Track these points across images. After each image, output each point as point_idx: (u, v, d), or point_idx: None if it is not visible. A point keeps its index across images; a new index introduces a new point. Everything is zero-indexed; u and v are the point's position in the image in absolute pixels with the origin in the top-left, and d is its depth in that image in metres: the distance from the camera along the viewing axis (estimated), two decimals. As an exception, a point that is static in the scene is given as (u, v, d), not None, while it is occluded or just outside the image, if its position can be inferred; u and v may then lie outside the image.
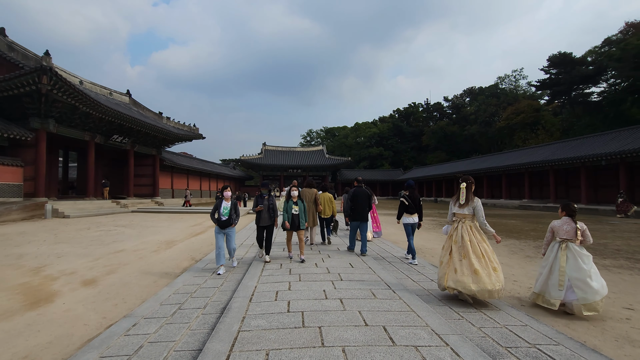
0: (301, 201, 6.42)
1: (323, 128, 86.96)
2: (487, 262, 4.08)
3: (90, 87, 26.07)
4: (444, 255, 4.41)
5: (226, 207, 5.64)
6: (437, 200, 44.69)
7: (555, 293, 4.13)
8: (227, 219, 5.59)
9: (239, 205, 32.38)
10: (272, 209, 6.10)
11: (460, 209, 4.37)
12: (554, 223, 4.50)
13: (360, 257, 6.50)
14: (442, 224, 15.68)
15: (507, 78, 55.64)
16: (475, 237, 4.22)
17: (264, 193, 6.19)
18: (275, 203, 6.26)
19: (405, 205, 6.73)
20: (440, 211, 25.63)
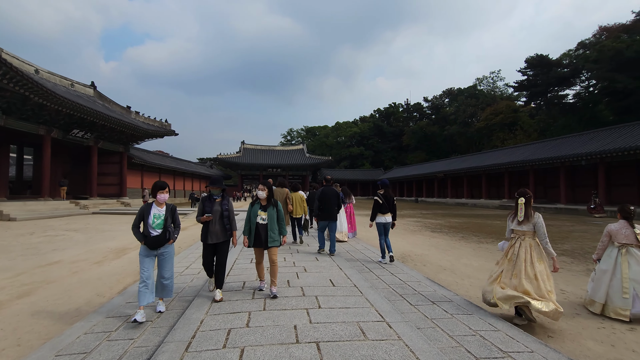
0: (274, 207, 4.34)
1: (304, 127, 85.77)
2: (541, 286, 3.70)
3: (48, 77, 23.79)
4: (494, 270, 4.15)
5: (158, 216, 3.74)
6: (418, 200, 44.45)
7: (622, 302, 3.99)
8: (161, 233, 3.72)
9: None
10: (227, 218, 4.11)
11: (519, 225, 3.98)
12: (610, 227, 4.33)
13: (342, 272, 5.41)
14: (428, 226, 14.90)
15: (485, 79, 56.32)
16: (533, 256, 3.83)
17: (214, 194, 4.18)
18: (233, 209, 4.29)
19: (379, 204, 6.49)
20: (422, 212, 25.03)
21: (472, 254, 8.38)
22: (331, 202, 7.13)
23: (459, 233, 12.41)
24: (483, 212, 25.22)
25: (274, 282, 4.18)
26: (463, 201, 35.73)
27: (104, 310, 3.89)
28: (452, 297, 4.32)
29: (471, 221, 17.23)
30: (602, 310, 4.17)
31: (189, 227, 13.59)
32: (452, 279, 5.93)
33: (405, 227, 14.25)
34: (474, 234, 12.22)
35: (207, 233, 4.08)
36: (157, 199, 3.83)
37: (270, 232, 4.26)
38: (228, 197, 4.33)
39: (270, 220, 4.27)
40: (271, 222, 4.28)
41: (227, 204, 4.19)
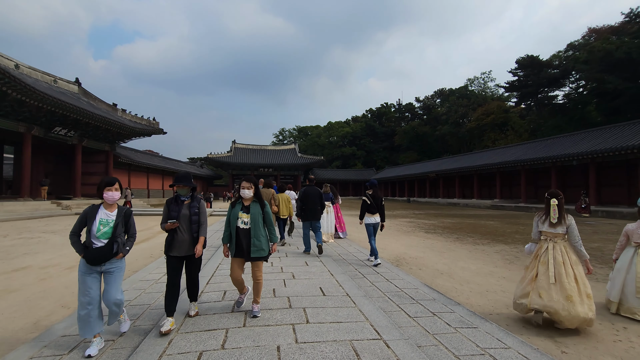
0: (260, 207, 3.59)
1: (296, 127, 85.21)
2: (581, 289, 3.61)
3: (29, 72, 22.90)
4: (525, 275, 4.00)
5: (106, 222, 2.93)
6: (410, 200, 44.35)
7: (636, 302, 3.98)
8: (106, 245, 2.88)
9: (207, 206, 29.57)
10: (197, 224, 3.32)
11: (551, 227, 3.85)
12: (628, 226, 4.32)
13: (334, 278, 5.01)
14: (421, 226, 14.60)
15: (476, 80, 56.61)
16: (570, 259, 3.74)
17: (181, 194, 3.40)
18: (205, 212, 3.46)
19: (367, 204, 6.47)
20: (415, 212, 24.81)
21: (469, 256, 8.06)
22: (314, 202, 7.15)
23: (453, 234, 12.13)
24: (475, 212, 25.12)
25: (257, 300, 3.54)
26: (455, 201, 35.69)
27: (61, 326, 3.42)
28: (453, 307, 3.95)
29: (464, 221, 17.01)
30: (617, 310, 4.18)
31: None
32: (450, 284, 5.57)
33: (399, 228, 13.93)
34: (469, 235, 11.95)
35: (172, 243, 3.23)
36: (104, 198, 2.96)
37: (254, 239, 3.45)
38: (199, 198, 3.53)
39: (255, 224, 3.47)
40: (255, 227, 3.47)
41: (197, 206, 3.39)
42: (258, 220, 3.52)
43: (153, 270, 5.89)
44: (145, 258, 7.59)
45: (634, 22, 30.51)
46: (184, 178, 3.40)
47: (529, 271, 3.98)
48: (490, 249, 9.10)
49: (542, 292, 3.66)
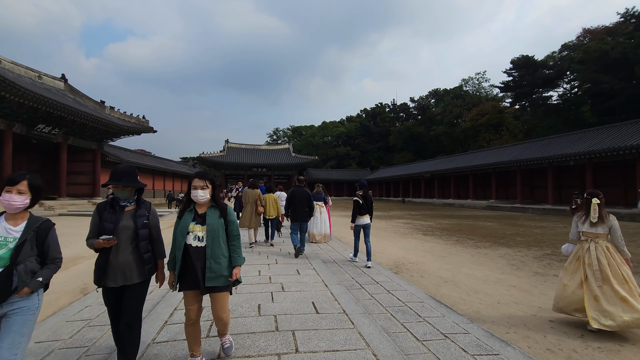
0: (220, 215, 2.60)
1: (290, 127, 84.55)
2: (633, 288, 3.52)
3: (11, 67, 21.99)
4: (569, 278, 3.86)
5: (4, 241, 1.97)
6: (405, 200, 43.99)
7: None
8: (0, 274, 1.91)
9: None
10: (147, 241, 2.45)
11: (592, 227, 3.77)
12: None
13: (328, 290, 4.46)
14: (418, 228, 14.12)
15: (470, 80, 56.51)
16: (615, 260, 3.64)
17: (120, 198, 2.43)
18: (157, 223, 2.58)
19: (360, 205, 6.40)
20: (411, 212, 24.37)
21: (472, 261, 7.57)
22: (302, 203, 7.10)
23: (452, 236, 11.65)
24: (471, 212, 24.76)
25: (224, 332, 2.70)
26: (450, 201, 35.38)
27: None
28: (467, 326, 3.41)
29: (462, 223, 16.58)
30: None
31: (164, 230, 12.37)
32: (457, 294, 5.05)
33: (396, 230, 13.43)
34: (469, 237, 11.49)
35: (105, 269, 2.27)
36: (2, 201, 1.99)
37: (212, 260, 2.43)
38: (149, 203, 2.57)
39: (213, 240, 2.45)
40: (213, 243, 2.45)
41: (145, 215, 2.43)
42: (218, 234, 2.49)
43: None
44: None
45: (629, 22, 30.49)
46: (124, 175, 2.38)
47: (571, 274, 3.87)
48: (494, 252, 8.63)
49: (598, 295, 3.54)
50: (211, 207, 2.59)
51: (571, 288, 3.79)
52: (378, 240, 10.58)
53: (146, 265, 2.40)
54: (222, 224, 2.56)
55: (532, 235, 11.89)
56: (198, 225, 2.51)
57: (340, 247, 8.50)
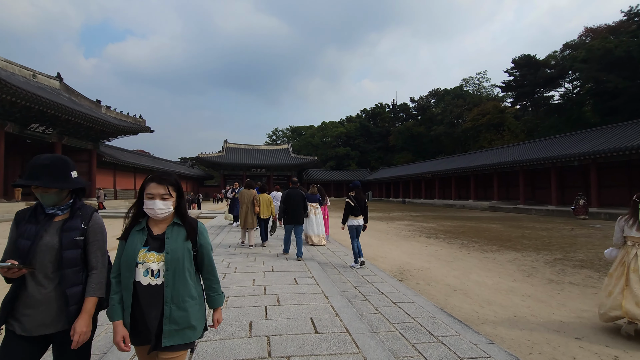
0: (187, 236, 1.69)
1: (289, 127, 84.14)
2: None
3: (4, 65, 21.57)
4: (614, 284, 3.66)
5: None
6: (405, 201, 43.59)
7: None
8: None
9: (192, 207, 27.63)
10: (78, 267, 1.63)
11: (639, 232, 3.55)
12: None
13: (329, 303, 4.04)
14: (421, 230, 13.70)
15: (471, 80, 56.15)
16: None
17: (46, 205, 1.65)
18: (101, 239, 1.73)
19: (351, 206, 6.31)
20: (412, 213, 23.95)
21: (480, 267, 7.15)
22: (297, 205, 7.00)
23: (457, 239, 11.24)
24: (473, 214, 24.36)
25: None
26: (451, 202, 34.98)
27: None
28: (487, 348, 2.99)
29: (465, 224, 16.17)
30: None
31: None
32: (469, 306, 4.64)
33: (398, 232, 13.01)
34: (474, 240, 11.07)
35: (15, 305, 1.57)
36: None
37: (173, 306, 1.59)
38: (91, 209, 1.75)
39: (175, 275, 1.61)
40: (176, 279, 1.61)
41: (80, 228, 1.65)
42: (183, 265, 1.64)
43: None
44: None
45: (632, 20, 30.13)
46: (43, 170, 1.60)
47: (614, 279, 3.70)
48: (502, 257, 8.21)
49: None
50: (173, 225, 1.70)
51: (615, 294, 3.62)
52: (380, 243, 10.17)
53: (70, 306, 1.59)
54: (188, 251, 1.68)
55: (538, 238, 11.48)
56: (152, 253, 1.62)
57: (340, 251, 8.07)
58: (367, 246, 9.57)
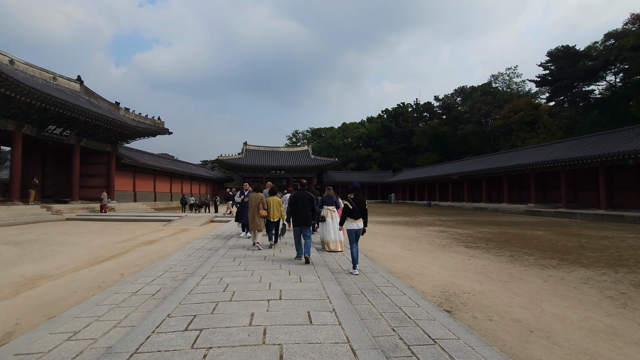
0: None
1: (309, 129, 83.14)
2: None
3: (25, 68, 21.60)
4: None
5: None
6: (431, 204, 41.37)
7: None
8: None
9: (204, 211, 26.34)
10: None
11: None
12: None
13: (353, 354, 2.65)
14: (457, 238, 12.02)
15: (500, 76, 53.04)
16: None
17: None
18: None
19: (350, 209, 6.11)
20: (441, 217, 22.09)
21: (550, 290, 5.55)
22: (304, 207, 6.92)
23: (503, 250, 9.55)
24: (510, 218, 22.19)
25: None
26: (482, 205, 32.62)
27: None
28: None
29: (506, 231, 14.31)
30: None
31: (159, 239, 10.91)
32: (565, 364, 3.13)
33: (430, 240, 11.41)
34: (524, 251, 9.35)
35: None
36: None
37: None
38: None
39: None
40: None
41: None
42: None
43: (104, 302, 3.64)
44: (91, 288, 5.39)
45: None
46: None
47: None
48: (570, 276, 6.54)
49: None
50: None
51: None
52: (412, 255, 8.66)
53: None
54: None
55: (603, 249, 9.60)
56: None
57: (366, 267, 6.65)
58: (399, 259, 8.10)
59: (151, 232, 13.31)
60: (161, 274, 5.89)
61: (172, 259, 7.28)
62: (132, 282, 5.35)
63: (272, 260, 6.72)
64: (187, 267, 6.37)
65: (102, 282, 5.90)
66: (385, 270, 6.41)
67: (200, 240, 10.12)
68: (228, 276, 5.33)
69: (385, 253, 8.86)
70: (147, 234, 12.88)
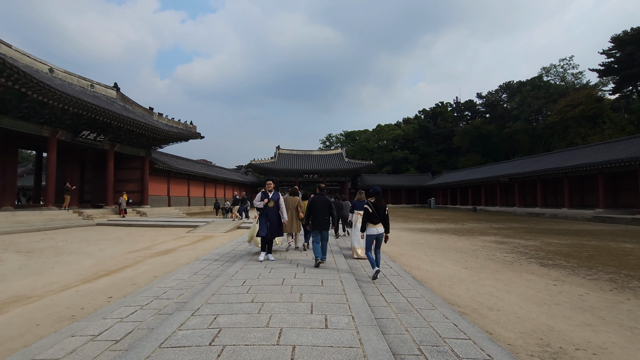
0: None
1: (343, 132, 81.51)
2: None
3: (64, 76, 22.10)
4: None
5: None
6: (477, 209, 38.00)
7: None
8: None
9: (234, 216, 23.47)
10: None
11: None
12: None
13: None
14: (523, 252, 9.80)
15: (553, 68, 48.22)
16: None
17: None
18: None
19: (369, 213, 5.85)
20: (492, 225, 19.46)
21: None
22: (322, 212, 7.01)
23: (593, 270, 7.32)
24: (577, 226, 19.06)
25: None
26: (537, 210, 29.07)
27: None
28: None
29: (583, 243, 11.74)
30: None
31: (177, 249, 9.80)
32: None
33: (491, 254, 9.31)
34: (625, 272, 7.07)
35: None
36: None
37: None
38: None
39: None
40: None
41: None
42: None
43: None
44: (61, 320, 4.17)
45: None
46: None
47: None
48: None
49: None
50: None
51: None
52: (474, 276, 6.73)
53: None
54: None
55: None
56: None
57: (418, 297, 4.90)
58: (457, 282, 6.24)
59: (172, 240, 12.36)
60: (148, 302, 4.56)
61: (174, 277, 5.99)
62: (105, 315, 4.05)
63: (291, 285, 5.18)
64: (185, 292, 5.01)
65: (81, 309, 4.70)
66: (445, 304, 4.63)
67: (218, 251, 8.86)
68: (226, 312, 3.85)
69: (438, 273, 7.02)
70: (167, 241, 11.94)
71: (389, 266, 7.05)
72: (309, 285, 5.17)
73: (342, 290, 4.82)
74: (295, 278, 5.60)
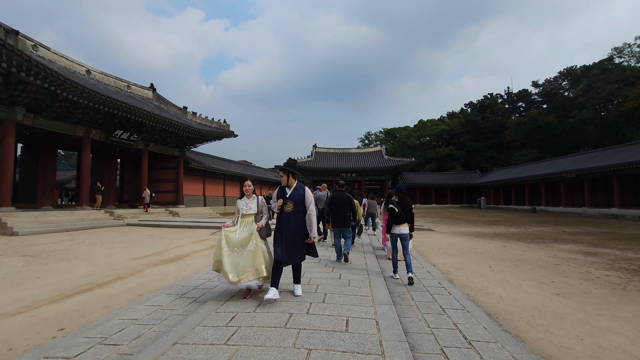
0: None
1: (382, 129, 78.47)
2: None
3: (101, 78, 22.33)
4: None
5: None
6: (536, 209, 33.75)
7: None
8: None
9: None
10: None
11: None
12: None
13: None
14: (624, 266, 7.24)
15: (627, 48, 41.82)
16: None
17: None
18: None
19: (395, 213, 5.61)
20: (564, 229, 16.31)
21: None
22: (343, 209, 6.93)
23: None
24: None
25: None
26: (615, 212, 24.75)
27: None
28: None
29: None
30: None
31: (189, 254, 8.51)
32: None
33: (585, 272, 6.89)
34: None
35: None
36: None
37: None
38: None
39: None
40: None
41: None
42: None
43: None
44: None
45: None
46: None
47: None
48: None
49: None
50: None
51: None
52: (577, 309, 4.52)
53: None
54: None
55: None
56: None
57: (471, 324, 2.93)
58: (556, 320, 4.10)
59: (190, 243, 11.21)
60: (83, 350, 3.08)
61: (152, 301, 4.54)
62: None
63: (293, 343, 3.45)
64: (146, 332, 3.48)
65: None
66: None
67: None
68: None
69: (518, 301, 4.90)
70: (184, 245, 10.80)
71: (446, 290, 5.07)
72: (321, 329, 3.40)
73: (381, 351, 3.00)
74: (308, 316, 3.86)
